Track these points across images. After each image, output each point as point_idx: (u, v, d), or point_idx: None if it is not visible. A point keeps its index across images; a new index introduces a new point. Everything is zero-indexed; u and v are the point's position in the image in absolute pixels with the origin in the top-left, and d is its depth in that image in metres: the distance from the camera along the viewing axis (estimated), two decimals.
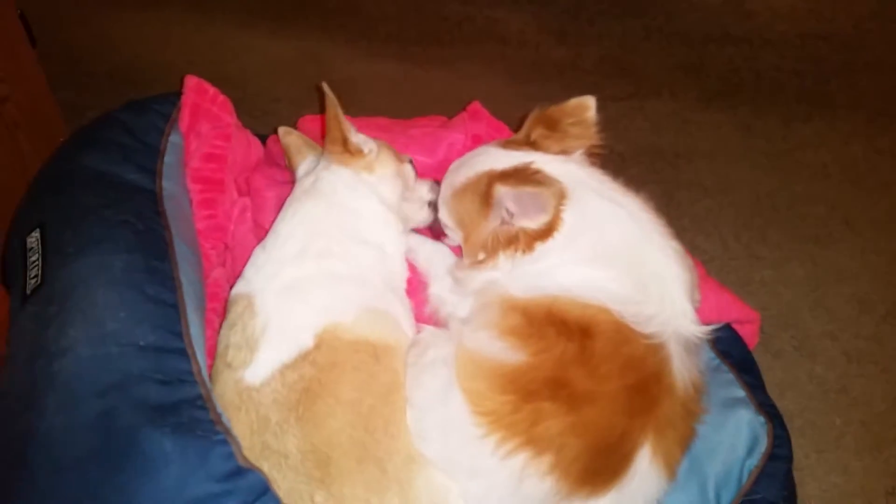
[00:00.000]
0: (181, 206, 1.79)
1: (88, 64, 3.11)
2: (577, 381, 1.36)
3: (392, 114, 2.34)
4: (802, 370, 2.29)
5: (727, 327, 1.88)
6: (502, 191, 1.47)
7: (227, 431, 1.17)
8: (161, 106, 1.91)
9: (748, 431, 1.63)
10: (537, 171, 1.52)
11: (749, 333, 1.93)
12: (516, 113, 2.14)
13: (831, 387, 2.27)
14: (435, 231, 1.84)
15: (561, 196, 1.45)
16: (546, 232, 1.48)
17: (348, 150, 1.65)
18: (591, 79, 3.37)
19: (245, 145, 2.06)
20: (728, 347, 1.83)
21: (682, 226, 2.66)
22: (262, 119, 2.25)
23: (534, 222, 1.47)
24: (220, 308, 1.71)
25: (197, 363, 1.28)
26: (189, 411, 1.18)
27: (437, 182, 1.79)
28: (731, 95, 3.35)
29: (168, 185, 1.74)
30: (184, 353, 1.29)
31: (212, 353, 1.54)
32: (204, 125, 1.93)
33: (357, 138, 1.67)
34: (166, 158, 1.80)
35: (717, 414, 1.61)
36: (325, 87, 1.61)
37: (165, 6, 3.44)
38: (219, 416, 1.20)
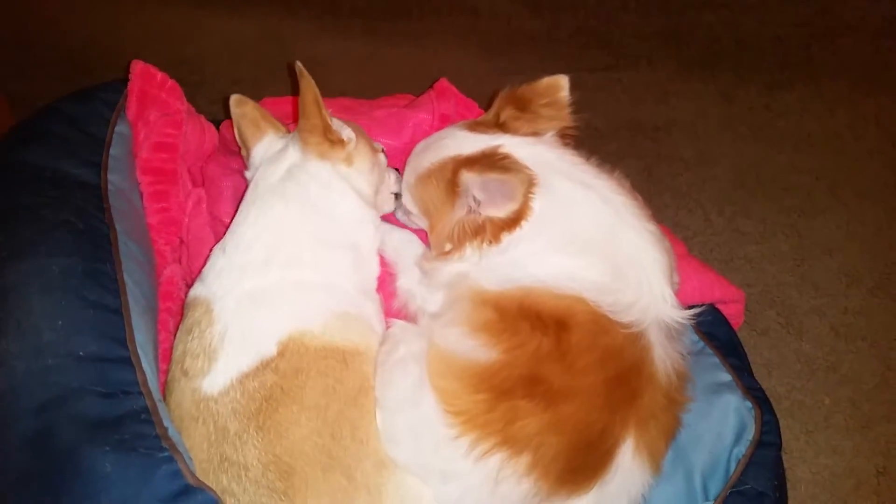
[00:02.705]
0: (130, 201, 1.68)
1: (38, 52, 2.96)
2: (554, 377, 1.29)
3: (359, 93, 2.24)
4: (789, 349, 2.23)
5: (711, 308, 1.81)
6: (468, 178, 1.39)
7: (174, 447, 1.08)
8: (106, 94, 1.79)
9: (735, 418, 1.56)
10: (506, 156, 1.44)
11: (734, 313, 1.86)
12: (489, 88, 2.04)
13: (819, 365, 2.22)
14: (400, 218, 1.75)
15: (530, 183, 1.37)
16: (513, 221, 1.40)
17: (328, 140, 1.49)
18: (566, 50, 3.26)
19: (199, 132, 1.94)
20: (712, 329, 1.76)
21: (662, 202, 2.59)
22: (220, 103, 2.13)
23: (501, 211, 1.39)
24: (175, 308, 1.62)
25: (143, 373, 1.19)
26: (133, 426, 1.09)
27: (400, 172, 1.70)
28: (711, 64, 3.25)
29: (115, 179, 1.63)
30: (128, 363, 1.20)
31: (166, 357, 1.45)
32: (152, 113, 1.81)
33: (334, 125, 1.53)
34: (112, 150, 1.69)
35: (702, 400, 1.55)
36: (300, 66, 1.43)
37: None
38: (165, 430, 1.11)
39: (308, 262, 1.42)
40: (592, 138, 2.84)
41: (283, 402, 1.25)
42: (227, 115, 1.96)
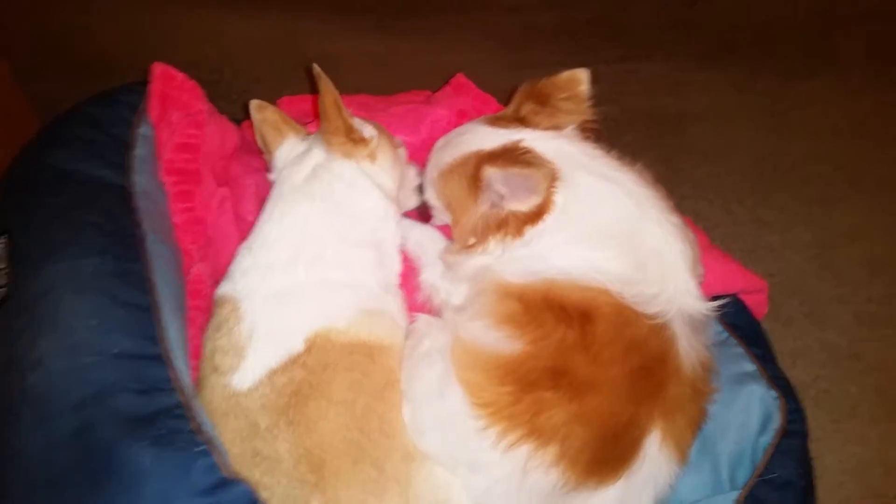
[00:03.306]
0: (156, 201, 1.70)
1: (63, 54, 2.98)
2: (579, 369, 1.30)
3: (375, 90, 2.24)
4: (813, 338, 2.22)
5: (734, 298, 1.80)
6: (491, 172, 1.39)
7: (210, 441, 1.11)
8: (128, 96, 1.81)
9: (760, 407, 1.56)
10: (527, 151, 1.44)
11: (757, 303, 1.86)
12: (506, 83, 2.04)
13: (844, 353, 2.20)
14: (423, 214, 1.76)
15: (552, 177, 1.38)
16: (536, 215, 1.41)
17: (351, 139, 1.52)
18: (582, 42, 3.25)
19: (221, 132, 1.96)
20: (736, 319, 1.76)
21: (682, 193, 2.57)
22: (240, 102, 2.15)
23: (524, 204, 1.40)
24: (203, 305, 1.63)
25: (174, 369, 1.21)
26: (168, 422, 1.11)
27: (419, 166, 1.71)
28: (727, 53, 3.22)
29: (140, 180, 1.65)
30: (160, 360, 1.22)
31: (196, 354, 1.47)
32: (174, 114, 1.82)
33: (356, 124, 1.55)
34: (136, 151, 1.70)
35: (727, 390, 1.55)
36: (317, 69, 1.45)
37: None
38: (199, 425, 1.13)
39: (332, 261, 1.43)
40: (610, 130, 2.79)
41: (312, 397, 1.27)
42: (248, 115, 1.99)
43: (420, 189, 1.70)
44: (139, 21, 3.18)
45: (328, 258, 1.43)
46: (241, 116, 2.05)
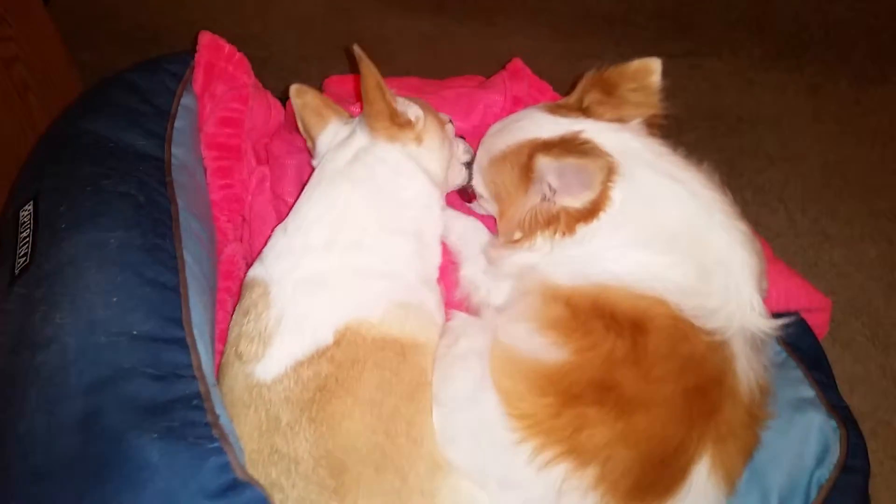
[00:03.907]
0: (193, 176, 1.64)
1: (110, 22, 2.97)
2: (628, 384, 1.20)
3: (427, 73, 2.17)
4: (875, 363, 2.07)
5: (796, 315, 1.67)
6: (544, 162, 1.30)
7: (225, 437, 1.03)
8: (173, 66, 1.76)
9: (818, 437, 1.44)
10: (586, 142, 1.34)
11: (819, 323, 1.73)
12: (561, 71, 1.94)
13: None
14: (464, 195, 1.67)
15: (609, 171, 1.28)
16: (591, 212, 1.31)
17: (396, 123, 1.43)
18: (644, 34, 3.11)
19: (265, 108, 1.90)
20: (796, 340, 1.63)
21: (743, 199, 2.44)
22: (287, 80, 2.07)
23: (577, 200, 1.30)
24: (234, 287, 1.58)
25: (197, 355, 1.14)
26: (183, 412, 1.04)
27: (463, 138, 1.62)
28: (798, 54, 3.06)
29: (179, 153, 1.59)
30: (182, 344, 1.15)
31: (223, 338, 1.41)
32: (219, 86, 1.77)
33: (400, 106, 1.45)
34: (177, 123, 1.65)
35: (782, 417, 1.42)
36: (358, 49, 1.37)
37: None
38: (217, 417, 1.06)
39: (370, 248, 1.35)
40: (671, 127, 2.68)
41: (338, 394, 1.19)
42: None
43: (468, 167, 1.61)
44: None
45: (365, 245, 1.35)
46: (287, 95, 1.98)
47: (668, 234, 1.31)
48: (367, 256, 1.35)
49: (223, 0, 3.16)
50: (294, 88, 1.58)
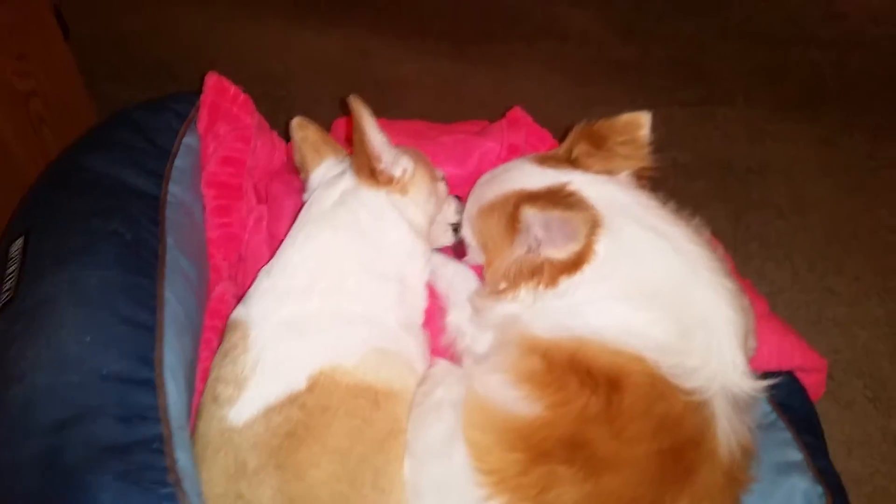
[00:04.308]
0: (190, 214, 1.67)
1: (131, 56, 3.06)
2: (599, 443, 1.18)
3: (440, 116, 2.20)
4: (876, 426, 2.01)
5: (789, 375, 1.64)
6: (529, 214, 1.29)
7: (178, 483, 1.03)
8: (178, 105, 1.80)
9: (802, 503, 1.40)
10: (571, 194, 1.34)
11: (814, 383, 1.68)
12: (574, 117, 1.94)
13: None
14: (457, 250, 1.68)
15: (594, 224, 1.27)
16: (574, 264, 1.30)
17: (375, 179, 1.44)
18: (657, 82, 3.12)
19: (269, 148, 1.94)
20: (788, 399, 1.59)
21: (748, 251, 2.41)
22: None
23: (561, 252, 1.29)
24: (221, 326, 1.58)
25: (164, 397, 1.15)
26: (142, 455, 1.04)
27: (462, 200, 1.62)
28: (813, 105, 3.04)
29: (176, 191, 1.63)
30: (150, 385, 1.16)
31: (206, 378, 1.42)
32: (222, 126, 1.81)
33: (388, 158, 1.44)
34: (177, 162, 1.69)
35: (766, 481, 1.39)
36: (354, 99, 1.36)
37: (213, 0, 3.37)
38: (175, 462, 1.06)
39: (350, 292, 1.36)
40: (679, 176, 2.70)
41: (306, 441, 1.18)
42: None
43: (457, 226, 1.62)
44: (210, 28, 3.24)
45: (346, 289, 1.36)
46: None
47: (650, 289, 1.29)
48: (347, 301, 1.35)
49: (246, 38, 3.23)
50: (296, 121, 1.60)
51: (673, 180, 2.58)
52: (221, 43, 3.17)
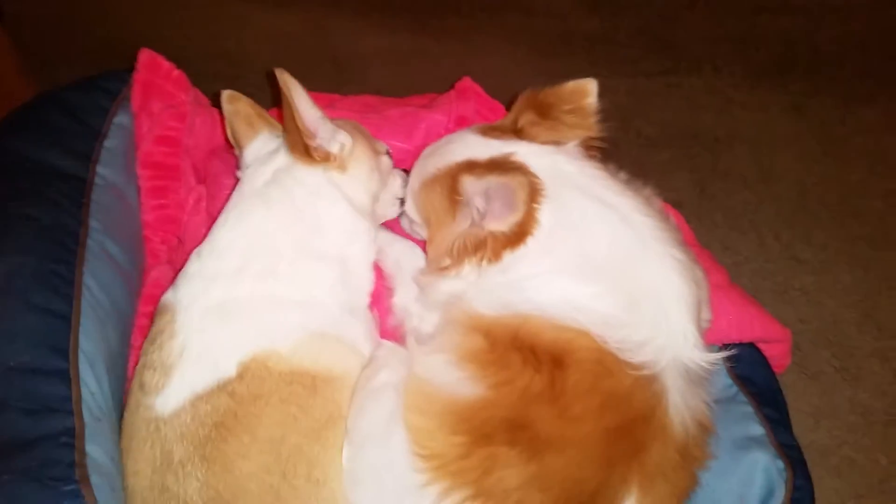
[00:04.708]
0: (123, 196, 1.60)
1: (80, 38, 2.94)
2: (542, 423, 1.13)
3: (400, 91, 2.12)
4: (844, 396, 1.97)
5: (750, 347, 1.59)
6: (468, 182, 1.24)
7: (85, 478, 0.96)
8: (109, 83, 1.73)
9: (763, 479, 1.35)
10: (513, 164, 1.28)
11: (777, 354, 1.64)
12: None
13: (878, 418, 1.94)
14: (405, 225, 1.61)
15: (533, 189, 1.22)
16: (517, 236, 1.25)
17: (310, 156, 1.36)
18: (624, 52, 3.04)
19: (210, 126, 1.85)
20: (749, 372, 1.54)
21: (713, 220, 2.36)
22: (256, 97, 2.05)
23: (503, 223, 1.23)
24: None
25: (78, 387, 1.08)
26: (47, 451, 0.98)
27: (406, 172, 1.56)
28: (783, 72, 2.98)
29: (106, 173, 1.56)
30: (63, 376, 1.09)
31: None
32: (156, 104, 1.73)
33: (324, 133, 1.37)
34: (107, 142, 1.61)
35: (726, 456, 1.35)
36: (281, 72, 1.28)
37: None
38: (84, 456, 0.99)
39: (285, 275, 1.29)
40: (643, 147, 2.64)
41: (235, 431, 1.12)
42: (268, 106, 1.87)
43: (404, 200, 1.55)
44: (163, 8, 3.12)
45: (280, 271, 1.29)
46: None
47: (596, 262, 1.24)
48: (282, 283, 1.28)
49: (199, 16, 3.12)
50: (226, 94, 1.52)
51: (637, 151, 2.52)
52: (174, 22, 3.05)
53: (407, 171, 1.59)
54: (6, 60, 2.14)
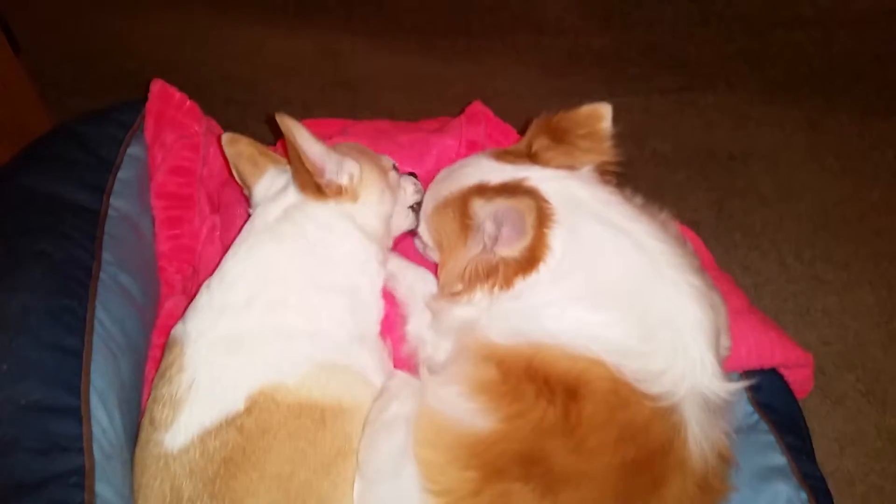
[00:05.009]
0: (137, 228, 1.60)
1: (101, 68, 2.98)
2: (557, 457, 1.10)
3: (412, 114, 2.13)
4: (869, 421, 1.91)
5: (771, 372, 1.55)
6: (478, 205, 1.23)
7: None
8: (123, 114, 1.73)
9: None
10: (523, 187, 1.27)
11: (800, 379, 1.60)
12: (549, 111, 1.87)
13: None
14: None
15: (542, 213, 1.20)
16: (528, 263, 1.23)
17: (323, 193, 1.35)
18: (636, 70, 3.02)
19: (224, 156, 1.85)
20: (770, 399, 1.51)
21: (732, 241, 2.32)
22: (268, 123, 2.06)
23: (512, 248, 1.22)
24: None
25: (90, 426, 1.08)
26: (56, 491, 0.97)
27: (415, 175, 1.55)
28: (798, 87, 2.95)
29: (119, 204, 1.56)
30: (75, 414, 1.08)
31: None
32: (169, 135, 1.73)
33: (331, 167, 1.35)
34: (121, 174, 1.62)
35: (747, 487, 1.32)
36: (283, 117, 1.26)
37: (181, 4, 3.28)
38: (94, 496, 0.98)
39: (294, 306, 1.28)
40: (659, 166, 2.61)
41: (243, 468, 1.11)
42: (276, 137, 1.87)
43: (417, 209, 1.54)
44: (179, 35, 3.16)
45: (290, 302, 1.28)
46: (268, 138, 1.94)
47: (610, 289, 1.22)
48: (291, 315, 1.27)
49: (214, 42, 3.15)
50: (226, 137, 1.51)
51: (653, 170, 2.50)
52: (189, 50, 3.09)
53: (416, 175, 1.59)
54: (23, 92, 2.16)
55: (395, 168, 1.55)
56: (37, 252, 1.27)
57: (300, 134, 1.26)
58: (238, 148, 1.50)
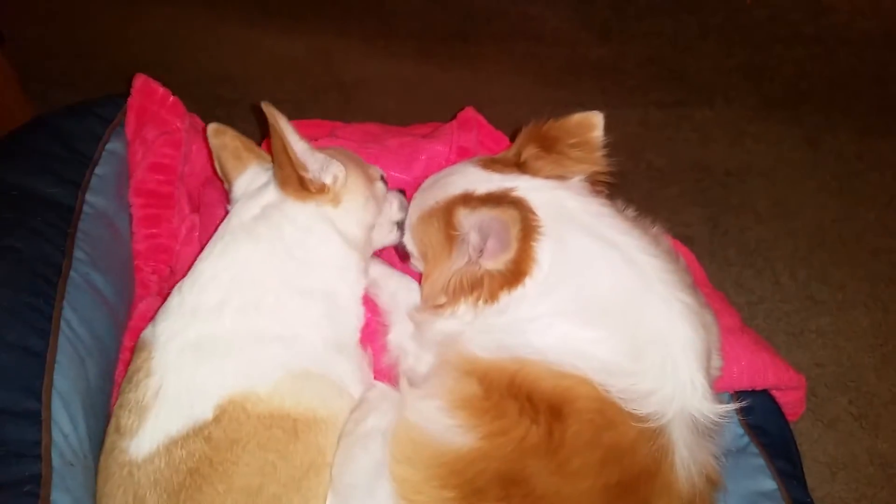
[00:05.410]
0: (112, 225, 1.55)
1: (84, 62, 2.93)
2: (539, 478, 1.06)
3: (405, 119, 2.09)
4: (862, 446, 1.87)
5: (763, 395, 1.51)
6: (463, 215, 1.19)
7: None
8: (103, 109, 1.69)
9: None
10: (510, 198, 1.22)
11: (792, 401, 1.56)
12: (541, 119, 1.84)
13: None
14: (400, 253, 1.55)
15: (526, 225, 1.16)
16: (513, 277, 1.19)
17: (306, 189, 1.30)
18: (632, 82, 2.99)
19: (206, 153, 1.80)
20: (761, 421, 1.47)
21: (726, 258, 2.28)
22: (256, 123, 2.01)
23: (496, 261, 1.17)
24: None
25: (49, 432, 1.02)
26: (7, 499, 0.92)
27: (403, 192, 1.50)
28: (797, 104, 2.92)
29: (95, 201, 1.51)
30: (35, 418, 1.03)
31: None
32: (151, 131, 1.68)
33: (315, 165, 1.31)
34: (98, 170, 1.57)
35: None
36: (268, 107, 1.23)
37: (175, 0, 3.24)
38: None
39: (268, 310, 1.22)
40: (653, 180, 2.58)
41: (210, 480, 1.06)
42: (263, 137, 1.82)
43: (401, 226, 1.49)
44: (171, 32, 3.12)
45: (264, 306, 1.23)
46: (256, 138, 1.89)
47: (598, 305, 1.17)
48: (264, 319, 1.22)
49: (207, 42, 3.11)
50: (212, 128, 1.46)
51: (647, 184, 2.46)
52: (180, 47, 3.04)
53: (404, 192, 1.54)
54: (6, 85, 2.11)
55: (383, 179, 1.50)
56: (4, 247, 1.22)
57: (285, 125, 1.22)
58: (223, 140, 1.44)
